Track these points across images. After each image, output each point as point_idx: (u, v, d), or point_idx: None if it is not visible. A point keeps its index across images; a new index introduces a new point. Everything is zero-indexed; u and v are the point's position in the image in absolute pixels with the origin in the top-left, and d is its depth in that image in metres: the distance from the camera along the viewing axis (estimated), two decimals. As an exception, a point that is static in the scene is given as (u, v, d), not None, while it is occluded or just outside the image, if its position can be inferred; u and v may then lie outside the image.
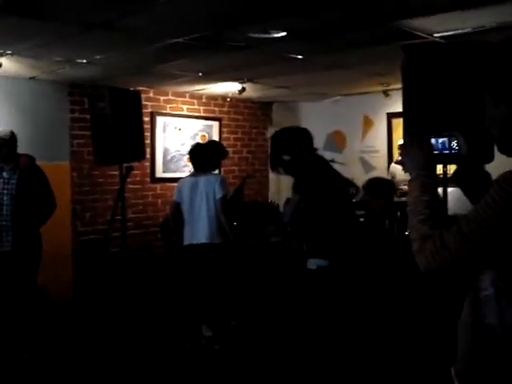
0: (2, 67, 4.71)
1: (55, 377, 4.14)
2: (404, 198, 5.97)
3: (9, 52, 4.48)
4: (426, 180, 1.56)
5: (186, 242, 4.81)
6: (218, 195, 4.65)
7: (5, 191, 4.51)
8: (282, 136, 3.77)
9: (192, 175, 4.99)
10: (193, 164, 4.97)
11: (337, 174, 3.77)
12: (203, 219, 4.70)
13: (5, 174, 4.56)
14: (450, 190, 4.18)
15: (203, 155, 4.89)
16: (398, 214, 5.83)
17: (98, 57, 4.75)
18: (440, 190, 5.37)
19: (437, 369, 3.87)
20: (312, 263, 3.60)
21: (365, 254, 4.03)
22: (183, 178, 5.06)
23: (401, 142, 6.80)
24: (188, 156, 5.15)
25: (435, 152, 1.75)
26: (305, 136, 3.77)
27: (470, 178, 1.79)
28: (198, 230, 4.73)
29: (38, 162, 4.78)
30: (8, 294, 4.57)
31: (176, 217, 4.87)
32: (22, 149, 4.70)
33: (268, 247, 5.69)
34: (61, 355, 4.51)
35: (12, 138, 4.59)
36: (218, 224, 4.69)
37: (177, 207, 4.87)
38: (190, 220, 4.79)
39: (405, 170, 1.65)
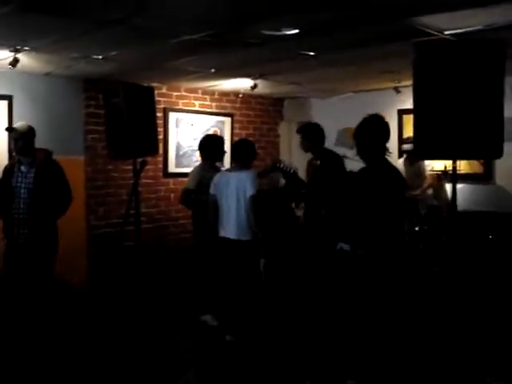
0: (19, 63, 4.79)
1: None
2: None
3: (26, 48, 4.55)
4: None
5: (220, 234, 4.93)
6: (249, 193, 4.69)
7: (22, 185, 4.60)
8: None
9: (226, 170, 5.19)
10: (236, 158, 5.03)
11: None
12: (233, 215, 4.77)
13: (23, 168, 4.65)
14: (459, 186, 4.22)
15: (246, 150, 4.94)
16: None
17: (112, 53, 4.82)
18: (449, 186, 5.39)
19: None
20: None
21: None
22: (218, 173, 5.10)
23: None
24: (232, 150, 5.26)
25: None
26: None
27: None
28: (229, 226, 4.81)
29: (53, 156, 4.86)
30: (24, 287, 4.65)
31: (213, 209, 4.93)
32: (37, 143, 4.79)
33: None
34: (68, 349, 4.57)
35: (29, 132, 4.67)
36: (247, 221, 4.73)
37: (214, 199, 4.93)
38: (222, 214, 4.87)
39: None
